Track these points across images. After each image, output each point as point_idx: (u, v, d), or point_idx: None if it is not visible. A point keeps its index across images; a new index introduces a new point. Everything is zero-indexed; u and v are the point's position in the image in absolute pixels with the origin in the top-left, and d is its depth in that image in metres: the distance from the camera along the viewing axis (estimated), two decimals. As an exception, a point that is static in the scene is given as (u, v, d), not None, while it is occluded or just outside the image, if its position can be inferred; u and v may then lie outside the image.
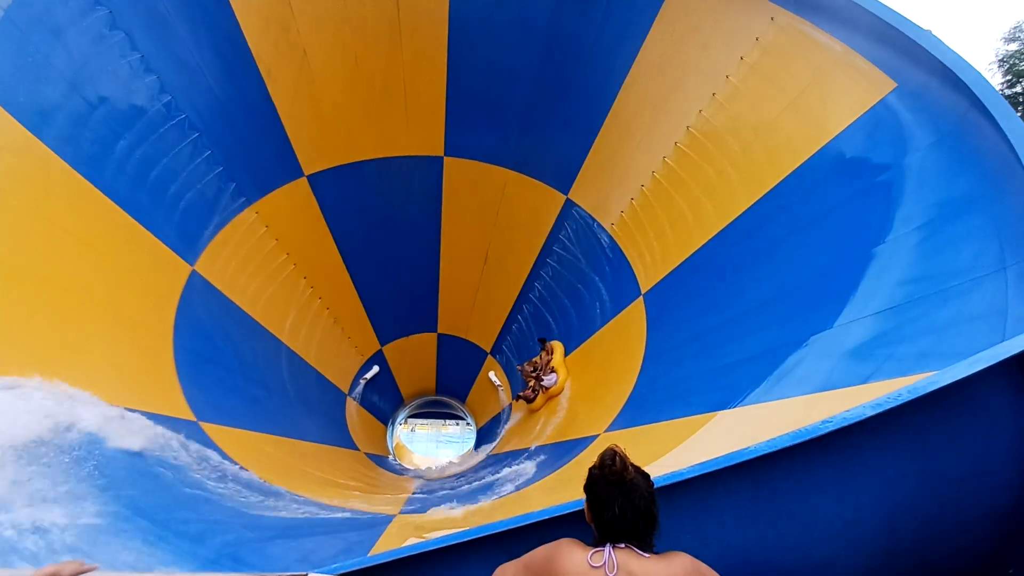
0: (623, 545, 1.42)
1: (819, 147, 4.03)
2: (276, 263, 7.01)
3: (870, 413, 1.59)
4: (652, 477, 1.53)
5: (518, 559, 1.58)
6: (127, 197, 4.75)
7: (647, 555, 1.40)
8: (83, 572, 1.53)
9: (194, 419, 4.86)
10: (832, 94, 3.98)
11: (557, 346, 7.88)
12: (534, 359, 8.29)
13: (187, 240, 5.54)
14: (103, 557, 2.60)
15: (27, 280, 3.78)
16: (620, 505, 1.42)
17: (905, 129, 3.46)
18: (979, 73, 3.04)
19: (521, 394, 8.20)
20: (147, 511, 3.24)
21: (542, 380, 7.80)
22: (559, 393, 7.55)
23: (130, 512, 3.12)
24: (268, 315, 7.00)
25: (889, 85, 3.58)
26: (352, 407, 9.70)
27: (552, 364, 7.74)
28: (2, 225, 3.68)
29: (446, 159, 7.13)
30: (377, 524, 4.40)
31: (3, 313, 3.50)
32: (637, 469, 1.49)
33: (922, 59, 3.35)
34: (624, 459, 1.47)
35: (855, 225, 3.63)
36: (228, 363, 6.14)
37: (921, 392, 1.55)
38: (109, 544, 2.74)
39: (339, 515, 4.70)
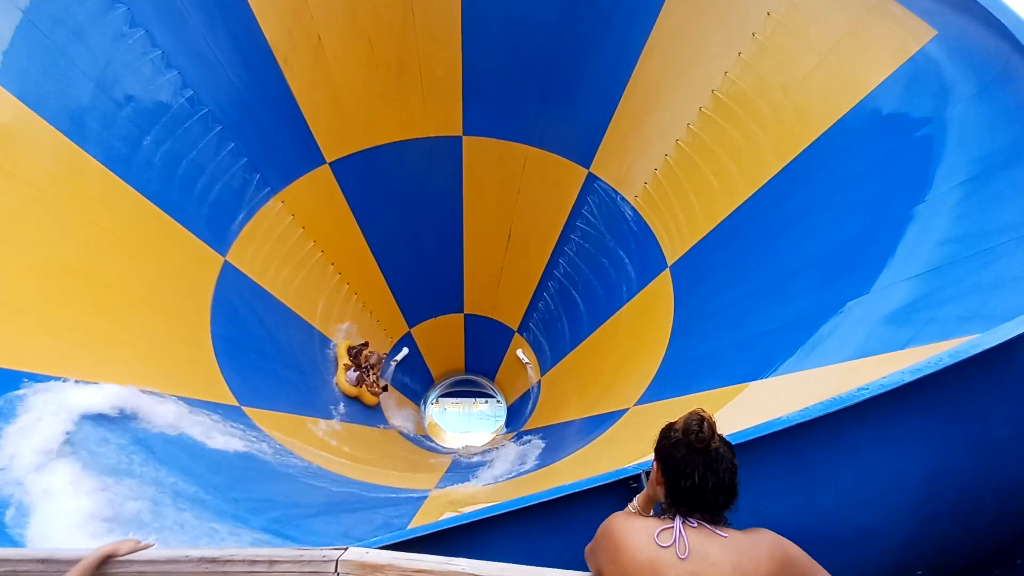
0: (695, 523, 1.28)
1: (854, 104, 3.83)
2: (304, 251, 7.15)
3: (909, 379, 1.53)
4: None
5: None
6: (158, 192, 4.89)
7: (724, 534, 1.25)
8: (139, 549, 1.64)
9: (236, 404, 5.07)
10: (867, 46, 3.76)
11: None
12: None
13: (217, 232, 5.69)
14: (158, 534, 2.77)
15: (70, 279, 3.96)
16: (701, 474, 1.29)
17: (946, 80, 3.26)
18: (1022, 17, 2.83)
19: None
20: (198, 491, 3.42)
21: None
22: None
23: (182, 493, 3.30)
24: (300, 302, 7.17)
25: (928, 33, 3.37)
26: (385, 388, 9.92)
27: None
28: (43, 226, 3.84)
29: (465, 138, 7.08)
30: (414, 500, 4.54)
31: (50, 312, 3.69)
32: (721, 438, 1.37)
33: (963, 4, 3.13)
34: (712, 426, 1.35)
35: (892, 184, 3.46)
36: (264, 349, 6.35)
37: (964, 356, 1.48)
38: (164, 522, 2.91)
39: (377, 493, 4.87)
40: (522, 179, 7.50)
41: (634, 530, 1.29)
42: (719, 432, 1.37)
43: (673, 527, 1.26)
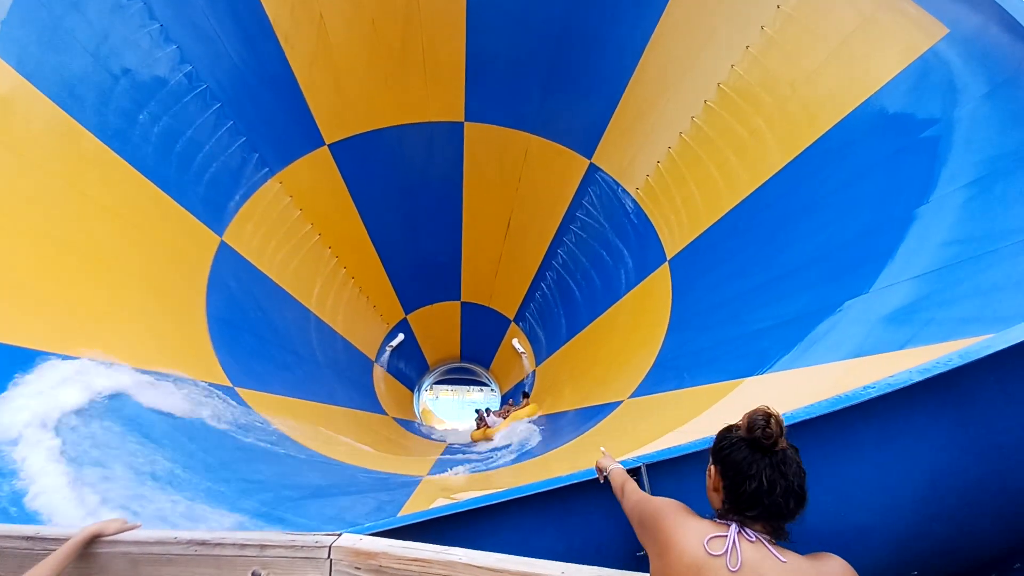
0: (752, 536, 1.15)
1: (861, 101, 3.79)
2: (301, 233, 7.09)
3: (918, 379, 1.51)
4: (678, 444, 1.47)
5: (640, 491, 1.47)
6: (154, 169, 4.82)
7: (783, 559, 1.11)
8: (127, 530, 1.62)
9: (230, 384, 5.04)
10: (877, 42, 3.71)
11: (526, 408, 9.03)
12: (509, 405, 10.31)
13: (214, 211, 5.62)
14: (146, 514, 2.76)
15: (65, 253, 3.91)
16: (769, 477, 1.16)
17: (956, 79, 3.22)
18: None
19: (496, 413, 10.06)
20: (188, 472, 3.41)
21: (486, 420, 9.62)
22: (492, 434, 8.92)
23: (172, 473, 3.28)
24: (296, 284, 7.13)
25: (940, 31, 3.32)
26: (379, 373, 9.94)
27: (508, 415, 9.21)
28: (38, 199, 3.78)
29: (467, 124, 7.00)
30: (407, 485, 4.55)
31: (44, 286, 3.64)
32: (793, 447, 1.23)
33: (978, 2, 3.08)
34: (780, 423, 1.21)
35: (897, 184, 3.44)
36: (259, 331, 6.32)
37: (974, 357, 1.47)
38: (152, 502, 2.90)
39: (370, 476, 4.87)
40: (523, 167, 7.44)
41: (685, 529, 1.21)
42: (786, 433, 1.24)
43: (727, 536, 1.15)
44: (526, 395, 9.76)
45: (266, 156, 6.17)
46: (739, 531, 1.16)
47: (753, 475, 1.18)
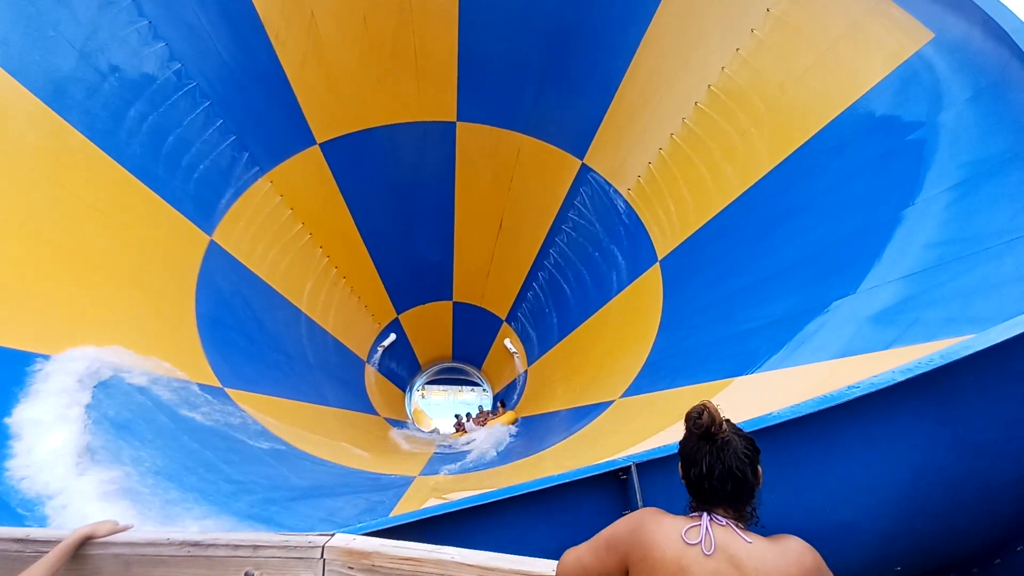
0: (723, 521, 1.27)
1: (849, 104, 3.85)
2: (292, 232, 7.05)
3: (900, 379, 1.55)
4: (668, 443, 1.49)
5: (587, 542, 1.41)
6: (142, 167, 4.76)
7: (749, 539, 1.23)
8: (119, 531, 1.61)
9: (219, 385, 5.00)
10: (864, 47, 3.77)
11: (504, 416, 9.72)
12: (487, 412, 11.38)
13: (204, 210, 5.57)
14: (138, 516, 2.74)
15: (50, 252, 3.86)
16: (708, 463, 1.30)
17: (941, 83, 3.28)
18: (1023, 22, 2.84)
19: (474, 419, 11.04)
20: (177, 472, 3.38)
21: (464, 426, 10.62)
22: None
23: (160, 473, 3.26)
24: (286, 284, 7.08)
25: (926, 36, 3.38)
26: (371, 374, 9.90)
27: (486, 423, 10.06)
28: (23, 197, 3.72)
29: (459, 124, 7.00)
30: (398, 485, 4.54)
31: (29, 285, 3.59)
32: (737, 430, 1.36)
33: (963, 7, 3.14)
34: (714, 414, 1.34)
35: (883, 186, 3.49)
36: (249, 331, 6.27)
37: (955, 357, 1.51)
38: (143, 504, 2.87)
39: (361, 477, 4.86)
40: (515, 168, 7.45)
41: (661, 527, 1.29)
42: (729, 422, 1.37)
43: (701, 524, 1.26)
44: (502, 403, 10.61)
45: (256, 155, 6.12)
46: (710, 519, 1.27)
47: (697, 462, 1.32)
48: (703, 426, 1.33)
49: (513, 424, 8.86)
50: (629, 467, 1.83)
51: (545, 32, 5.86)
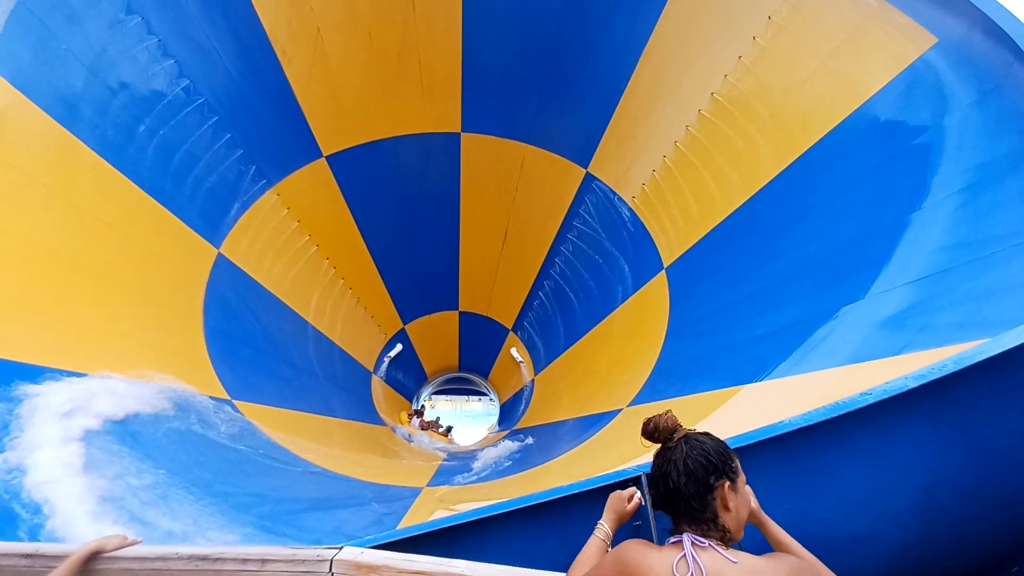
0: (704, 543, 1.20)
1: (852, 109, 3.85)
2: (299, 244, 7.10)
3: (913, 384, 1.53)
4: None
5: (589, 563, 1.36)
6: (151, 182, 4.83)
7: (734, 559, 1.16)
8: (127, 545, 1.61)
9: (228, 397, 5.02)
10: (867, 52, 3.77)
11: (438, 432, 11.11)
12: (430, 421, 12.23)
13: (211, 223, 5.63)
14: (146, 530, 2.74)
15: (60, 267, 3.90)
16: (663, 470, 1.29)
17: (945, 87, 3.28)
18: (1025, 24, 2.84)
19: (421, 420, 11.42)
20: (186, 486, 3.38)
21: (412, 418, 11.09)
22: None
23: (170, 487, 3.26)
24: (293, 296, 7.12)
25: (929, 40, 3.38)
26: (377, 384, 9.90)
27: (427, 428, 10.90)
28: (33, 213, 3.78)
29: (463, 135, 7.05)
30: (405, 496, 4.52)
31: (38, 301, 3.63)
32: (697, 442, 1.30)
33: (965, 11, 3.15)
34: (658, 421, 1.33)
35: (889, 191, 3.48)
36: (257, 343, 6.30)
37: (968, 362, 1.49)
38: (151, 517, 2.87)
39: (369, 489, 4.84)
40: (520, 177, 7.48)
41: (650, 563, 1.22)
42: (690, 433, 1.34)
43: (687, 557, 1.18)
44: (419, 412, 11.55)
45: (263, 168, 6.19)
46: (692, 543, 1.21)
47: (658, 474, 1.32)
48: (647, 432, 1.35)
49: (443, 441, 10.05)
50: (639, 477, 1.81)
51: (547, 43, 5.91)
